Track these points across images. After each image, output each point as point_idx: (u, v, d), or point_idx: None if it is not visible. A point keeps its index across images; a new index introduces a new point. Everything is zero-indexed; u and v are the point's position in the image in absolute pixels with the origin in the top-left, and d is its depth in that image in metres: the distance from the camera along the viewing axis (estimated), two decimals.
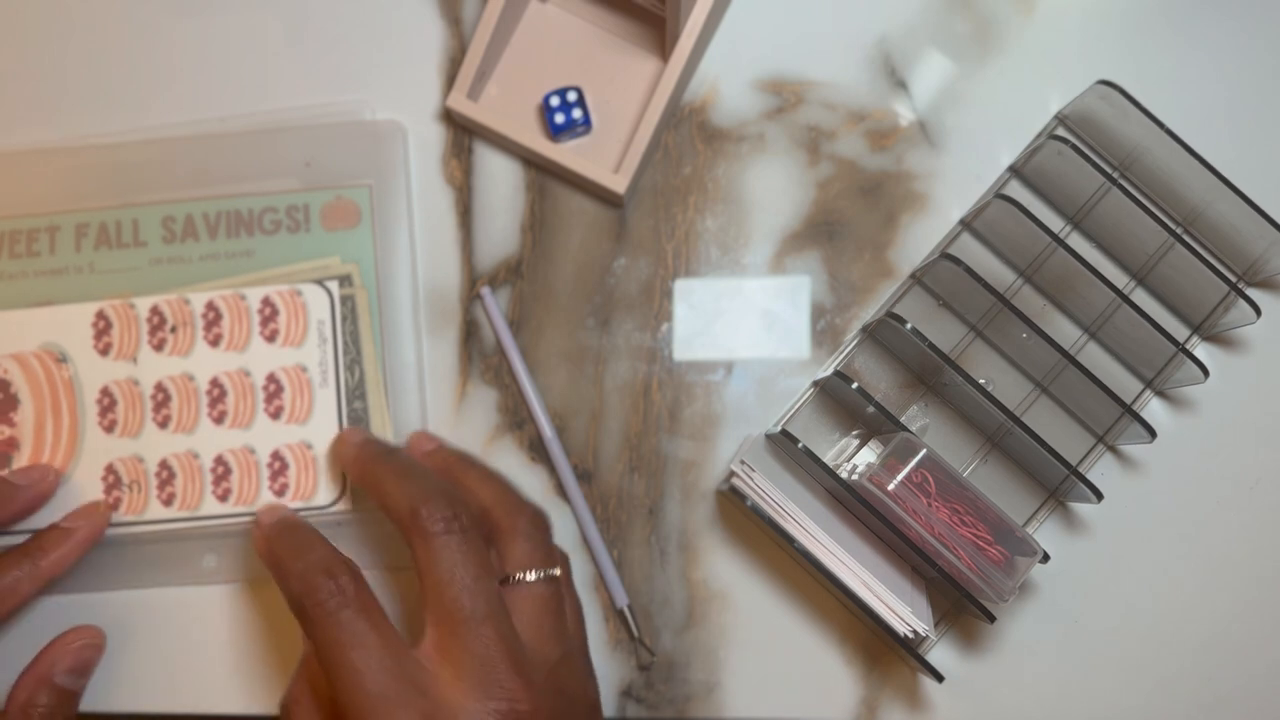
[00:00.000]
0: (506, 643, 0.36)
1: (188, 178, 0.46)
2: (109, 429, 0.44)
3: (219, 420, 0.44)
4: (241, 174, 0.46)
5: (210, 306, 0.44)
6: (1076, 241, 0.46)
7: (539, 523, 0.40)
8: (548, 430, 0.45)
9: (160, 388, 0.44)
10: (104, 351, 0.44)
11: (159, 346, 0.44)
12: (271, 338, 0.44)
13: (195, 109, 0.47)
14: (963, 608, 0.43)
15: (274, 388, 0.44)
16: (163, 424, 0.44)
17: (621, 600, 0.44)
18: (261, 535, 0.39)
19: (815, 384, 0.45)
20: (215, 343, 0.44)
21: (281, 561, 0.38)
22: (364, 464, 0.41)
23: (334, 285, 0.45)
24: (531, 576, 0.38)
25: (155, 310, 0.44)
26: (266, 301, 0.44)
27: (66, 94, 0.47)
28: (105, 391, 0.44)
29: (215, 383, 0.44)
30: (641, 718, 0.44)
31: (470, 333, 0.46)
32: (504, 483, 0.40)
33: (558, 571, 0.39)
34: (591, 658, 0.41)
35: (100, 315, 0.44)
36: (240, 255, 0.45)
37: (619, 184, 0.44)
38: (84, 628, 0.43)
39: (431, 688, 0.35)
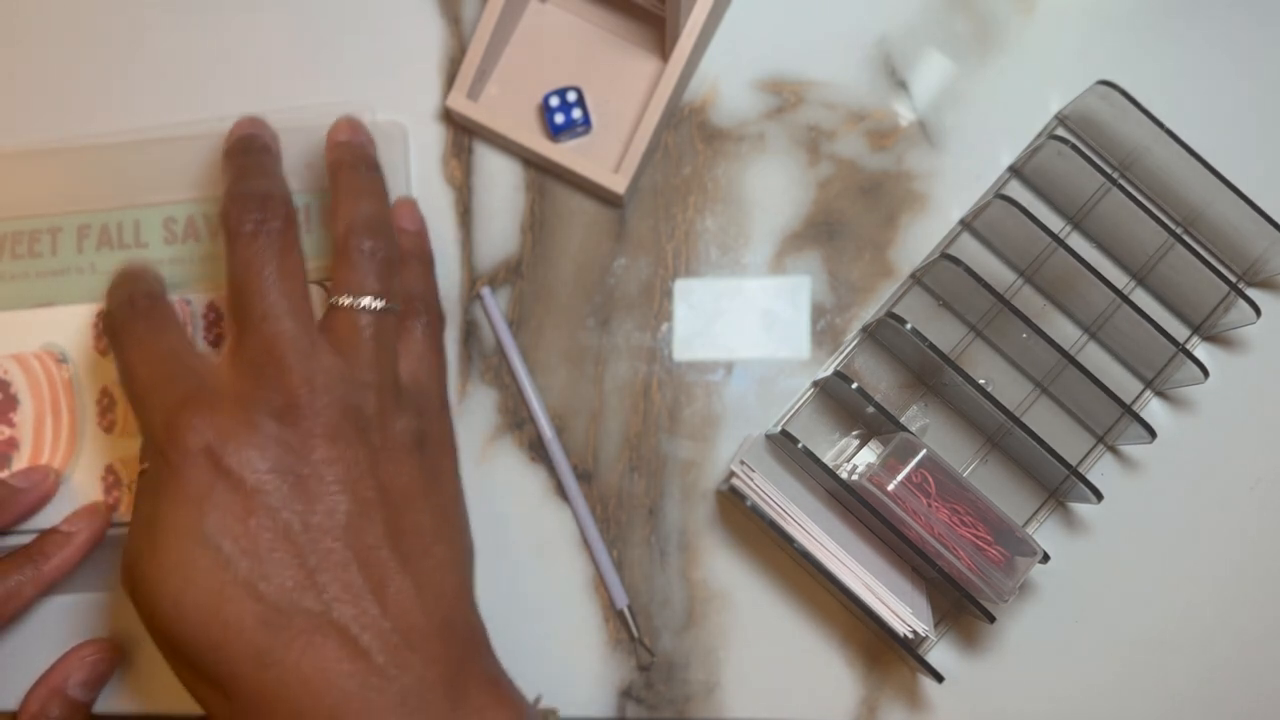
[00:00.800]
0: (294, 343, 0.35)
1: (188, 178, 0.46)
2: (109, 429, 0.44)
3: None
4: None
5: (211, 307, 0.44)
6: (1076, 241, 0.46)
7: (380, 251, 0.38)
8: (548, 430, 0.45)
9: None
10: (105, 352, 0.44)
11: None
12: None
13: (195, 109, 0.47)
14: (963, 608, 0.43)
15: None
16: None
17: (621, 600, 0.44)
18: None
19: (815, 384, 0.45)
20: (216, 343, 0.44)
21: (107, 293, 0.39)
22: (224, 158, 0.40)
23: None
24: (348, 301, 0.37)
25: None
26: None
27: (66, 94, 0.47)
28: (105, 392, 0.44)
29: None
30: (641, 718, 0.44)
31: (470, 333, 0.46)
32: (375, 200, 0.39)
33: (383, 304, 0.37)
34: (449, 407, 0.40)
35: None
36: None
37: (619, 184, 0.44)
38: (98, 640, 0.43)
39: (208, 376, 0.35)
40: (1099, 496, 0.41)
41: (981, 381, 0.41)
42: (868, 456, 0.44)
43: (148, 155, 0.46)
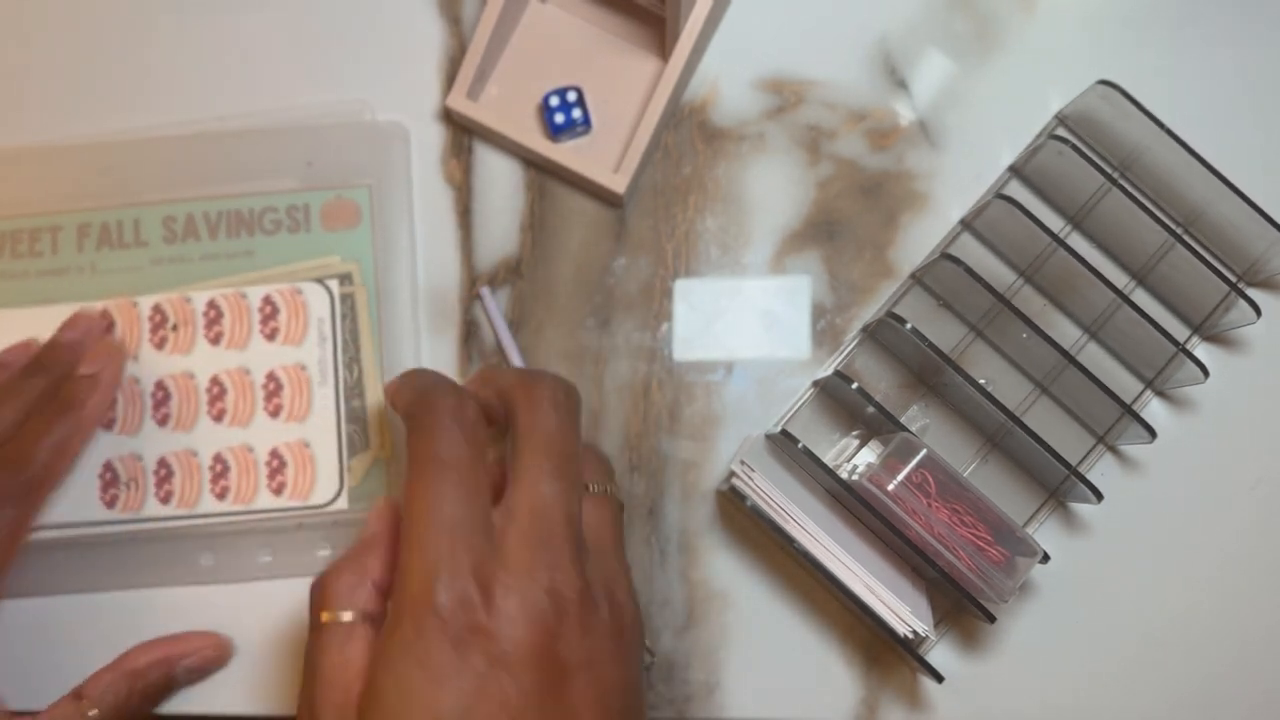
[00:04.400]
0: (572, 528, 0.34)
1: (188, 178, 0.46)
2: (108, 426, 0.44)
3: (218, 418, 0.44)
4: (242, 174, 0.46)
5: (211, 305, 0.44)
6: (1076, 241, 0.46)
7: (602, 458, 0.40)
8: None
9: (160, 386, 0.44)
10: None
11: (160, 345, 0.44)
12: (271, 336, 0.44)
13: (194, 109, 0.47)
14: (963, 608, 0.43)
15: (273, 386, 0.44)
16: (162, 422, 0.44)
17: None
18: (397, 381, 0.38)
19: (815, 384, 0.45)
20: (216, 341, 0.44)
21: (403, 385, 0.37)
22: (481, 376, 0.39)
23: (334, 284, 0.45)
24: (597, 489, 0.37)
25: (157, 309, 0.45)
26: (267, 300, 0.44)
27: (66, 93, 0.47)
28: None
29: (215, 381, 0.44)
30: None
31: (470, 333, 0.46)
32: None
33: (619, 496, 0.38)
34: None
35: (103, 314, 0.44)
36: (241, 255, 0.45)
37: (619, 184, 0.44)
38: (217, 637, 0.43)
39: (497, 538, 0.33)
40: (1099, 496, 0.41)
41: (981, 381, 0.41)
42: (868, 456, 0.44)
43: (148, 154, 0.46)
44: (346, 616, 0.34)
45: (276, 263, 0.45)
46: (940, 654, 0.44)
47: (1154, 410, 0.45)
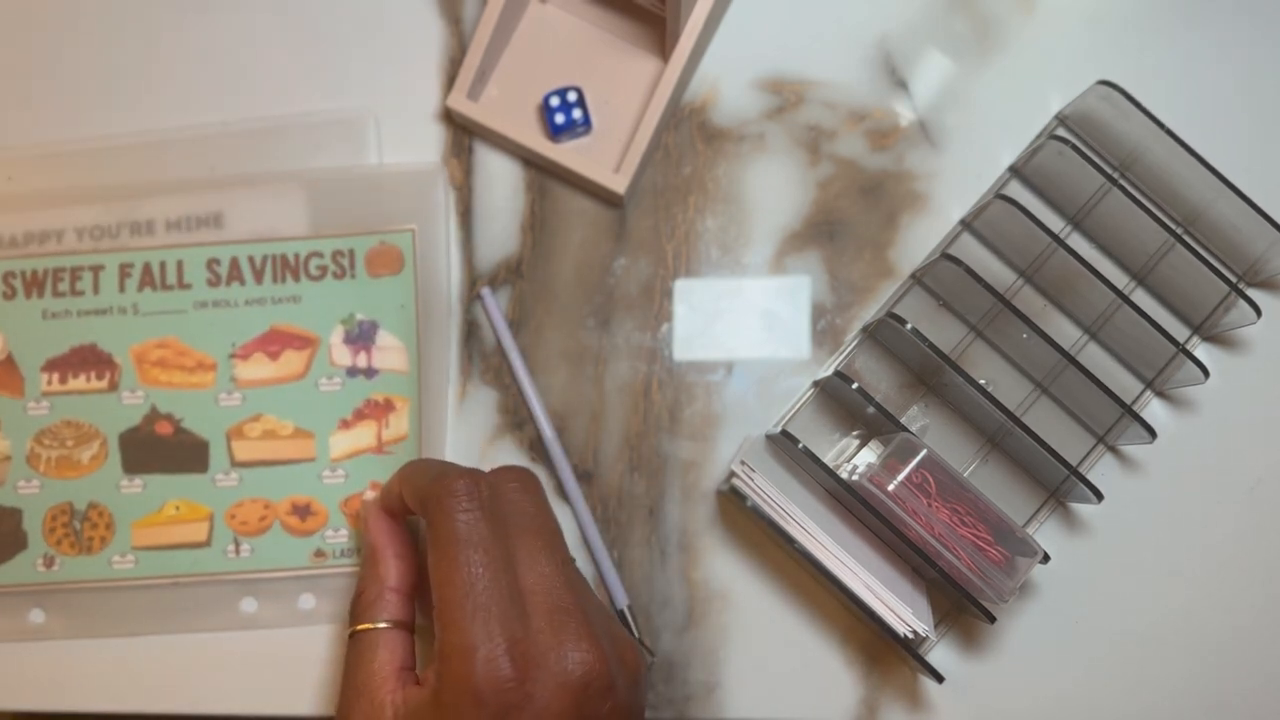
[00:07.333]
0: (578, 597, 0.36)
1: (189, 178, 0.46)
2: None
3: None
4: (243, 174, 0.46)
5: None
6: (1077, 241, 0.46)
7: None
8: (548, 430, 0.45)
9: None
10: None
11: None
12: None
13: (195, 111, 0.47)
14: (963, 608, 0.43)
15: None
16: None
17: (621, 600, 0.44)
18: (396, 478, 0.40)
19: (815, 384, 0.45)
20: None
21: (417, 473, 0.38)
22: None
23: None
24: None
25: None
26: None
27: (67, 95, 0.47)
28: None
29: None
30: None
31: (470, 333, 0.46)
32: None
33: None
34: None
35: None
36: (286, 300, 0.45)
37: (619, 184, 0.44)
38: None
39: (529, 618, 0.35)
40: (1099, 496, 0.41)
41: (982, 381, 0.41)
42: (868, 456, 0.44)
43: (150, 156, 0.46)
44: (374, 626, 0.37)
45: (322, 310, 0.45)
46: (940, 654, 0.44)
47: (1154, 410, 0.45)
